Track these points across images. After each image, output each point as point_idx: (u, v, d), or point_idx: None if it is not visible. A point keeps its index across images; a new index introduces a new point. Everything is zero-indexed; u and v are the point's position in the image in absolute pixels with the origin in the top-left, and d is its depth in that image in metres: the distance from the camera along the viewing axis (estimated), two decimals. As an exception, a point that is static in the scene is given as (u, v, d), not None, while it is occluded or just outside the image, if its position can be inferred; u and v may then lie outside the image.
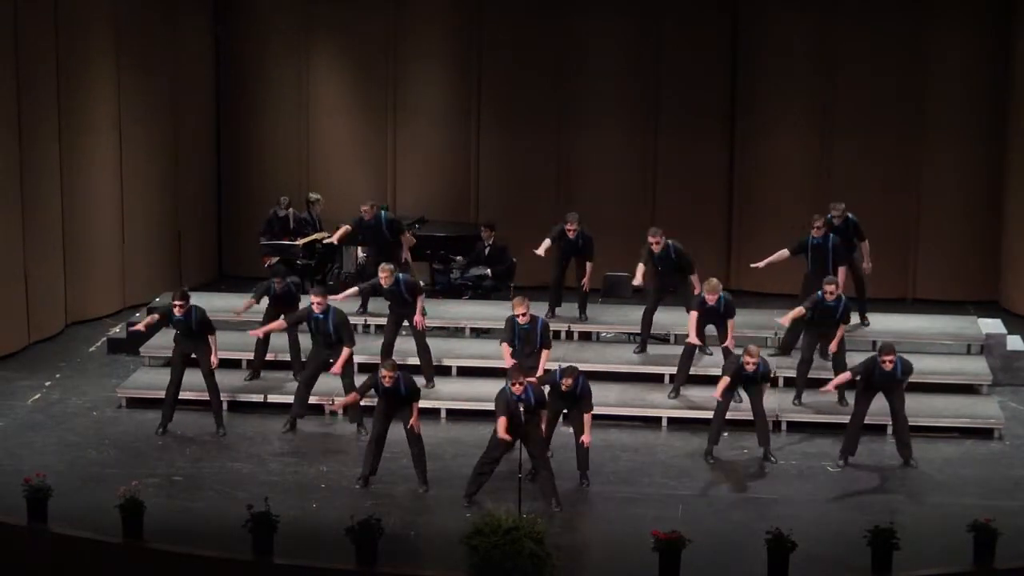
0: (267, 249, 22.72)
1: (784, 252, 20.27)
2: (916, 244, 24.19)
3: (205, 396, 19.45)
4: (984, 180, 23.82)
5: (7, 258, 21.16)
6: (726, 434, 18.57)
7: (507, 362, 17.70)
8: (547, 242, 20.30)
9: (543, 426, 16.74)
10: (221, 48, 25.24)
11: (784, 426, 18.81)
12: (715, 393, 17.80)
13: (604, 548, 15.82)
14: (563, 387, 16.86)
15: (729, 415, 18.82)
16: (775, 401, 19.18)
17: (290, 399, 19.36)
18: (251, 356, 20.23)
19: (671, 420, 18.98)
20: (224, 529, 15.56)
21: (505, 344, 18.13)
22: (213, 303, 22.00)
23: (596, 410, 18.18)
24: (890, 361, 17.55)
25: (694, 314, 19.04)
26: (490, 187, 24.97)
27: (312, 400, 18.97)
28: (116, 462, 17.69)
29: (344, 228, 21.04)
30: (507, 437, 16.38)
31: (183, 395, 19.46)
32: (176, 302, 18.68)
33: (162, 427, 18.65)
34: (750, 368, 17.70)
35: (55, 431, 18.68)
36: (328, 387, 18.93)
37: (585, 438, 17.01)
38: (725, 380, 17.78)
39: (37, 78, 21.49)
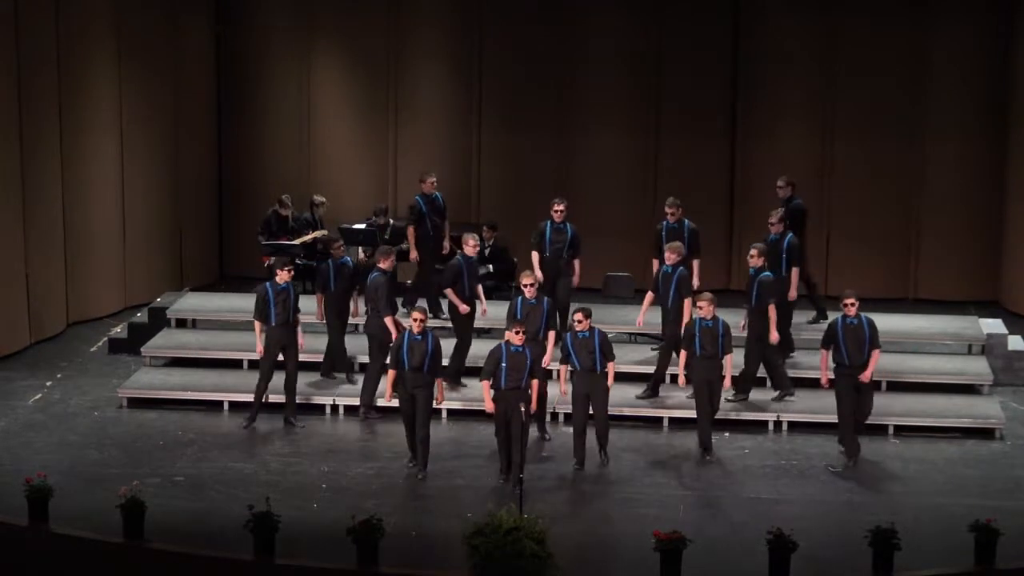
0: (266, 249, 22.70)
1: (655, 262, 19.89)
2: (917, 244, 24.19)
3: (206, 396, 19.52)
4: (985, 180, 23.81)
5: (8, 258, 21.17)
6: (727, 434, 18.60)
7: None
8: (535, 258, 20.09)
9: (533, 402, 16.97)
10: (222, 48, 25.23)
11: (784, 426, 18.81)
12: (680, 380, 18.10)
13: (604, 548, 15.82)
14: (576, 326, 17.21)
15: (729, 415, 18.89)
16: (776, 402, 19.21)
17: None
18: (253, 356, 20.28)
19: (672, 420, 18.97)
20: (225, 529, 15.57)
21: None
22: (214, 303, 22.11)
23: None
24: (851, 304, 17.57)
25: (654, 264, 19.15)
26: (491, 187, 24.97)
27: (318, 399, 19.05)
28: (117, 462, 17.70)
29: (409, 231, 20.74)
30: (490, 408, 16.90)
31: (183, 395, 19.54)
32: (284, 267, 18.60)
33: (251, 421, 18.71)
34: (706, 316, 17.72)
35: (56, 431, 18.69)
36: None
37: (609, 381, 17.31)
38: (683, 354, 17.93)
39: (38, 78, 21.49)
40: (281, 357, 18.78)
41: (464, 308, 19.25)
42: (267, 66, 25.19)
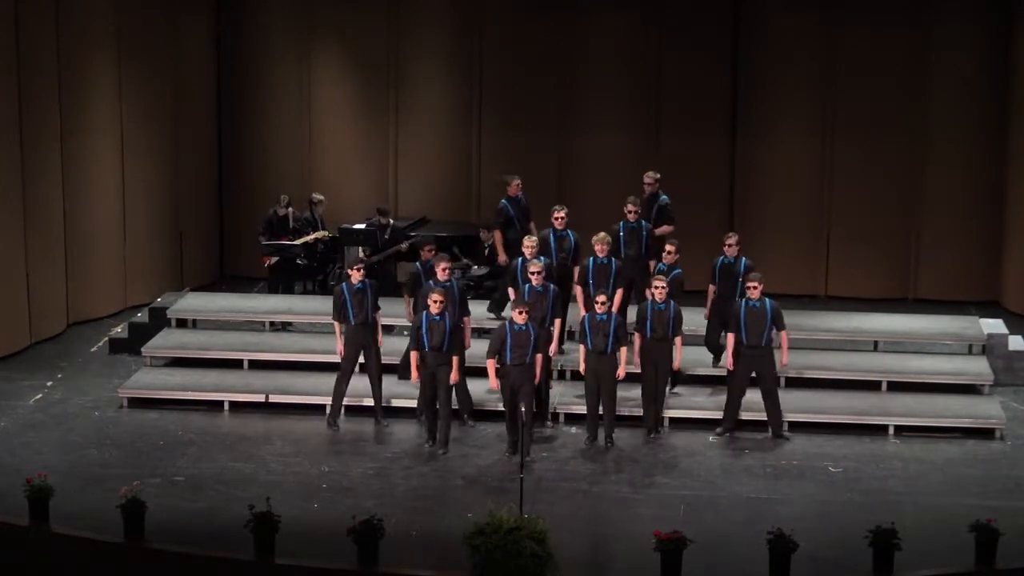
0: (267, 249, 22.73)
1: (711, 287, 19.53)
2: (917, 243, 24.17)
3: (206, 396, 19.52)
4: (986, 179, 23.80)
5: (9, 258, 21.17)
6: (727, 434, 18.60)
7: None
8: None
9: (537, 374, 17.69)
10: (222, 48, 25.24)
11: (785, 426, 18.80)
12: (635, 360, 18.34)
13: (604, 548, 15.83)
14: (598, 308, 17.91)
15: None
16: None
17: (292, 399, 19.42)
18: (253, 356, 20.33)
19: (672, 420, 18.96)
20: (225, 529, 15.57)
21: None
22: (215, 303, 22.11)
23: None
24: (754, 287, 18.21)
25: (579, 270, 19.21)
26: (491, 187, 24.95)
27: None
28: (117, 462, 17.70)
29: (496, 235, 20.32)
30: (495, 386, 17.68)
31: (183, 395, 19.53)
32: (356, 267, 18.72)
33: (334, 421, 18.77)
34: (659, 299, 18.20)
35: (57, 431, 18.69)
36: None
37: (620, 372, 18.02)
38: (637, 337, 18.34)
39: (38, 79, 21.49)
40: (362, 359, 18.82)
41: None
42: (267, 66, 25.19)
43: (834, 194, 24.20)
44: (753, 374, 18.50)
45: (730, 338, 18.36)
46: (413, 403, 18.97)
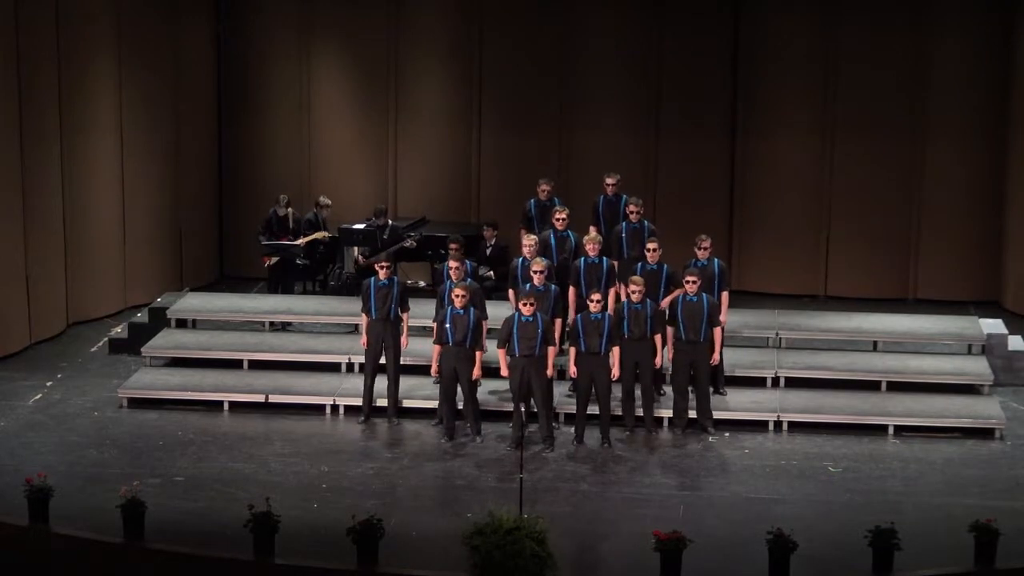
0: (267, 249, 22.72)
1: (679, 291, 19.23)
2: (917, 244, 24.17)
3: (207, 396, 19.53)
4: (986, 179, 23.80)
5: (8, 258, 21.17)
6: (727, 434, 18.61)
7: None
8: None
9: (549, 367, 17.85)
10: (222, 48, 25.24)
11: (785, 426, 18.82)
12: (614, 372, 18.23)
13: (604, 548, 15.82)
14: (592, 306, 17.94)
15: (728, 415, 18.91)
16: (776, 401, 19.20)
17: (292, 399, 19.42)
18: (253, 356, 20.33)
19: (672, 420, 18.94)
20: (225, 529, 15.57)
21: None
22: (214, 303, 22.11)
23: (593, 410, 18.30)
24: (692, 282, 18.39)
25: (576, 266, 19.17)
26: (491, 187, 24.98)
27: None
28: (117, 462, 17.70)
29: (532, 239, 19.54)
30: (506, 374, 17.82)
31: (183, 395, 19.53)
32: (383, 263, 18.84)
33: (364, 418, 18.86)
34: (635, 298, 18.27)
35: (56, 431, 18.69)
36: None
37: (615, 372, 18.11)
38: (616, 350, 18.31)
39: (38, 78, 21.50)
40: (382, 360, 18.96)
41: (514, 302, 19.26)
42: (267, 66, 25.19)
43: (834, 194, 24.19)
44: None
45: (669, 331, 18.47)
46: (418, 403, 19.02)
